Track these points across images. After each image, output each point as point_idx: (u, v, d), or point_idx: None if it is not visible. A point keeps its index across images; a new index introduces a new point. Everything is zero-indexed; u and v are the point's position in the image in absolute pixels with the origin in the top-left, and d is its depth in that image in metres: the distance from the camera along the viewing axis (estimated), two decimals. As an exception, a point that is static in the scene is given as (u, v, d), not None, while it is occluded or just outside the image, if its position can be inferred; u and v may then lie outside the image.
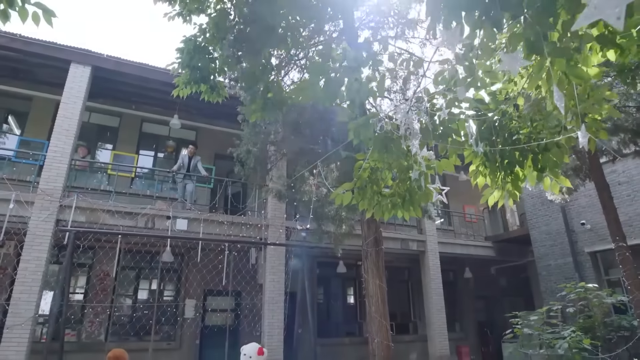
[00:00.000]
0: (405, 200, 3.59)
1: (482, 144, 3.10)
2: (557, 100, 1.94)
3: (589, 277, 9.52)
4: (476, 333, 13.85)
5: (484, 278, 13.88)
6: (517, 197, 3.48)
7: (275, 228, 9.28)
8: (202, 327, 9.74)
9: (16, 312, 6.82)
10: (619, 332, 7.65)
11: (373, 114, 3.35)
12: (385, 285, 6.69)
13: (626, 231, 8.61)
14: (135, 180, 10.37)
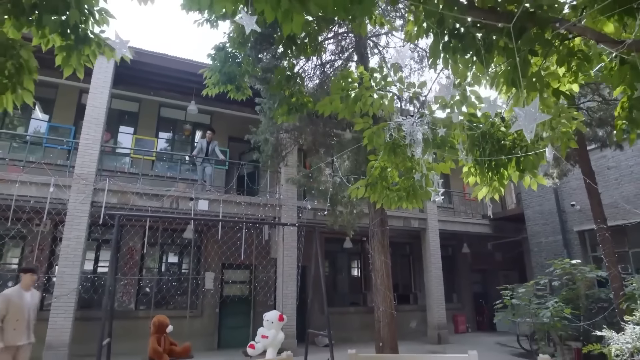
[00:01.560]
0: (409, 194, 4.31)
1: (472, 152, 3.80)
2: (524, 116, 2.60)
3: (576, 254, 10.34)
4: (472, 303, 14.87)
5: (480, 253, 14.78)
6: (502, 192, 4.19)
7: (288, 207, 10.07)
8: (221, 297, 10.69)
9: (62, 284, 7.71)
10: (598, 303, 8.50)
11: (384, 124, 4.03)
12: (389, 261, 7.51)
13: (612, 212, 9.38)
14: (156, 162, 11.09)
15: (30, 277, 4.99)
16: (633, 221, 8.89)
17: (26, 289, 4.97)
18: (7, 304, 4.73)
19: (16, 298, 4.83)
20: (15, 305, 4.78)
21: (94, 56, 3.15)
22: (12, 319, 4.73)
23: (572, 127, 3.72)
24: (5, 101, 2.67)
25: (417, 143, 3.80)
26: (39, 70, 3.02)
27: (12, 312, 4.74)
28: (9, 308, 4.73)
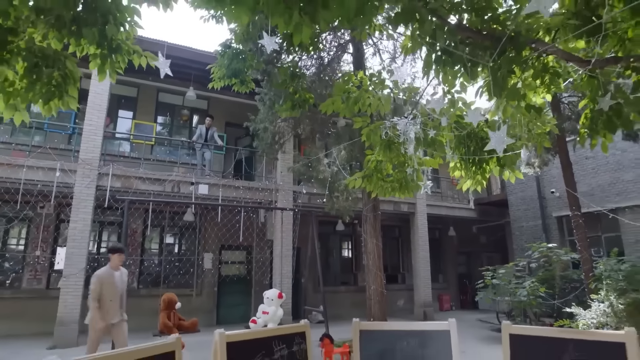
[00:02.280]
0: (401, 185, 4.80)
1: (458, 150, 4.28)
2: (495, 139, 3.06)
3: (555, 238, 11.05)
4: (456, 283, 15.66)
5: (466, 236, 15.49)
6: (484, 184, 4.71)
7: (285, 192, 10.52)
8: (219, 277, 11.21)
9: (70, 264, 8.11)
10: (571, 283, 9.22)
11: (380, 123, 4.48)
12: (380, 243, 8.06)
13: (588, 199, 10.03)
14: (155, 147, 11.38)
15: (118, 257, 5.06)
16: (605, 208, 9.55)
17: (115, 268, 5.05)
18: (100, 284, 4.83)
19: (107, 278, 4.92)
20: (108, 285, 4.88)
21: (123, 62, 3.51)
22: (106, 298, 4.85)
23: (546, 128, 4.22)
24: (53, 106, 3.04)
25: (409, 141, 4.27)
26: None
27: (105, 291, 4.85)
28: (102, 288, 4.84)
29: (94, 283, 4.83)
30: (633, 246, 9.55)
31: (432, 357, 2.37)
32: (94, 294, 4.80)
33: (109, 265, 5.05)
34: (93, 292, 4.81)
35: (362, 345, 2.48)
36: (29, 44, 2.95)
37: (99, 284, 4.82)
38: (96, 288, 4.81)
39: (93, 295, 4.81)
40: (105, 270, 5.00)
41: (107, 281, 4.90)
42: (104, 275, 4.92)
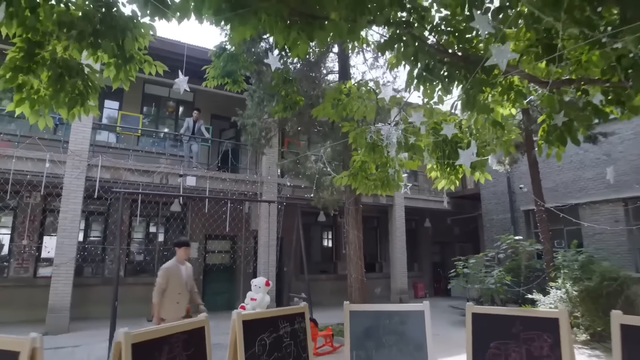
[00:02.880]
0: (383, 184, 5.29)
1: (435, 153, 4.78)
2: (464, 155, 3.56)
3: (522, 231, 11.86)
4: (431, 272, 16.47)
5: (440, 227, 16.26)
6: (457, 184, 5.25)
7: (269, 184, 10.90)
8: (204, 265, 11.55)
9: (61, 253, 8.32)
10: (535, 272, 10.01)
11: (365, 127, 4.93)
12: (361, 234, 8.59)
13: (553, 195, 10.82)
14: (141, 138, 11.54)
15: (184, 251, 5.00)
16: (567, 204, 10.36)
17: (181, 262, 4.98)
18: (167, 278, 4.71)
19: (174, 271, 4.80)
20: (175, 279, 4.77)
21: (135, 71, 3.82)
22: (174, 292, 4.72)
23: (512, 136, 4.78)
24: (76, 113, 3.35)
25: (392, 145, 4.74)
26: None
27: (172, 285, 4.72)
28: (170, 282, 4.71)
29: (161, 276, 4.72)
30: (591, 238, 10.41)
31: (409, 331, 2.87)
32: (160, 287, 4.67)
33: (175, 259, 4.99)
34: (159, 286, 4.67)
35: (352, 323, 2.96)
36: (52, 55, 3.24)
37: (165, 277, 4.71)
38: (163, 281, 4.68)
39: (158, 289, 4.67)
40: (172, 263, 4.90)
41: (175, 274, 4.79)
42: (172, 269, 4.81)
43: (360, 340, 2.93)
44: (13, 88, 3.20)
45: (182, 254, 5.00)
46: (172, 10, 3.20)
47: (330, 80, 8.99)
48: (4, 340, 1.69)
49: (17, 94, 3.20)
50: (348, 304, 3.04)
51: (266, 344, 2.58)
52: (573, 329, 7.03)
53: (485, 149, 4.83)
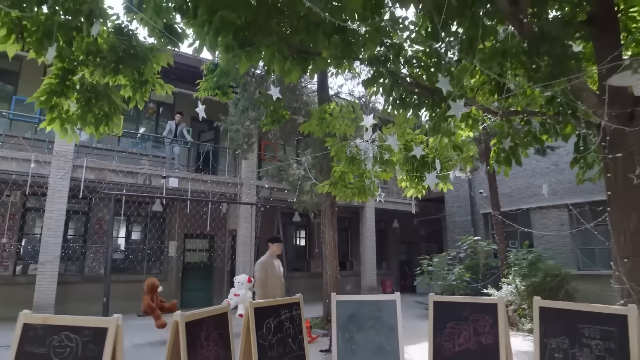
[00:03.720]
0: (360, 192, 6.00)
1: (405, 166, 5.54)
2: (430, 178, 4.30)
3: (481, 232, 12.94)
4: (398, 270, 17.45)
5: (407, 227, 17.25)
6: (423, 192, 6.03)
7: (248, 186, 11.43)
8: (183, 263, 11.95)
9: (46, 252, 8.55)
10: (491, 270, 11.05)
11: (346, 143, 5.62)
12: (336, 235, 9.29)
13: (508, 200, 11.91)
14: (122, 139, 11.76)
15: (277, 246, 5.09)
16: (520, 208, 11.49)
17: (274, 257, 5.08)
18: (265, 272, 4.80)
19: (270, 265, 4.91)
20: (273, 272, 4.89)
21: (147, 92, 4.34)
22: (272, 285, 4.79)
23: (470, 153, 5.60)
24: (102, 130, 3.84)
25: (368, 159, 5.46)
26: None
27: (270, 279, 4.82)
28: (268, 275, 4.81)
29: (259, 270, 4.83)
30: (540, 239, 11.57)
31: (384, 317, 3.57)
32: (261, 281, 4.77)
33: (268, 254, 5.08)
34: (259, 280, 4.78)
35: (338, 310, 3.63)
36: (81, 81, 3.72)
37: (264, 271, 4.81)
38: (262, 275, 4.79)
39: (260, 283, 4.78)
40: (267, 258, 5.01)
41: (271, 268, 4.90)
42: (268, 263, 4.92)
43: (345, 324, 3.60)
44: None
45: (275, 249, 5.08)
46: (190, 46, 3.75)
47: (310, 90, 9.63)
48: (95, 319, 2.23)
49: (49, 114, 3.66)
50: (335, 295, 3.71)
51: (271, 327, 3.21)
52: (520, 319, 8.01)
53: (449, 164, 5.63)
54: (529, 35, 3.70)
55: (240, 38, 3.80)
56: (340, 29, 3.76)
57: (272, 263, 4.99)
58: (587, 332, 2.61)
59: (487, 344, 3.11)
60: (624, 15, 4.87)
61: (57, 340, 2.17)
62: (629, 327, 2.49)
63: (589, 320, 2.64)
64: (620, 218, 4.29)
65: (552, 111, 4.41)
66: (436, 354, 3.32)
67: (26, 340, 2.21)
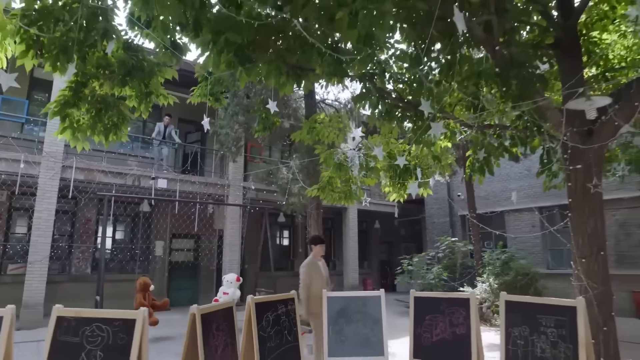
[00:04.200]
0: (346, 196, 6.40)
1: (388, 172, 5.97)
2: (412, 187, 4.75)
3: (458, 233, 13.54)
4: (378, 269, 17.98)
5: (388, 228, 17.79)
6: (405, 197, 6.48)
7: (235, 187, 11.70)
8: (169, 263, 12.13)
9: (35, 251, 8.65)
10: (467, 269, 11.64)
11: (334, 150, 6.01)
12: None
13: (484, 203, 12.52)
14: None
15: (320, 248, 5.11)
16: (495, 211, 12.12)
17: (318, 258, 5.11)
18: (310, 274, 4.84)
19: (315, 268, 4.96)
20: (317, 275, 4.93)
21: (151, 102, 4.62)
22: (317, 287, 4.75)
23: (448, 161, 6.07)
24: (110, 138, 4.11)
25: (355, 166, 5.87)
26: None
27: (315, 281, 4.84)
28: (312, 278, 4.85)
29: (304, 273, 4.87)
30: (513, 240, 12.23)
31: (370, 311, 3.97)
32: (304, 283, 4.82)
33: (312, 256, 5.13)
34: (303, 282, 4.82)
35: (328, 306, 4.01)
36: (92, 92, 3.99)
37: (309, 274, 4.86)
38: (306, 278, 4.83)
39: (303, 285, 4.81)
40: (311, 260, 5.06)
41: (315, 271, 4.95)
42: (312, 265, 4.97)
43: (335, 317, 3.98)
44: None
45: (318, 251, 5.12)
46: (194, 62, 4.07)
47: (298, 95, 9.98)
48: (123, 312, 2.54)
49: (62, 123, 3.92)
50: (326, 292, 4.09)
51: (270, 320, 3.56)
52: (493, 315, 8.56)
53: (429, 171, 6.09)
54: (500, 60, 4.16)
55: (240, 56, 4.14)
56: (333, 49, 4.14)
57: (316, 265, 5.04)
58: (544, 322, 3.07)
59: (461, 334, 3.55)
60: (586, 40, 5.44)
61: (89, 331, 2.48)
62: (577, 316, 2.96)
63: (545, 311, 3.10)
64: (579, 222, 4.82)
65: (521, 126, 4.90)
66: (416, 343, 3.74)
67: (61, 331, 2.51)
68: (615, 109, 3.81)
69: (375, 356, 3.90)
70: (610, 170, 7.15)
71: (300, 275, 4.92)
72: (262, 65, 4.31)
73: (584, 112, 4.35)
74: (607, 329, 4.66)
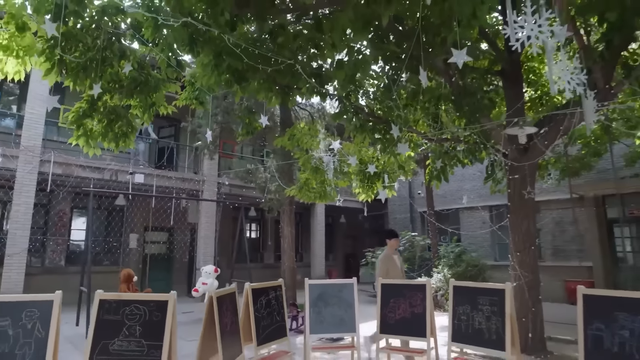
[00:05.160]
0: (321, 195, 7.16)
1: (359, 176, 6.78)
2: (381, 193, 5.56)
3: (418, 228, 14.66)
4: (343, 261, 18.95)
5: (353, 222, 18.77)
6: (372, 197, 7.32)
7: (210, 183, 12.17)
8: (143, 255, 12.45)
9: (13, 244, 8.82)
10: (425, 261, 12.75)
11: (311, 155, 6.74)
12: (294, 230, 10.40)
13: (442, 200, 13.66)
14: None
15: (395, 241, 5.48)
16: (451, 209, 13.30)
17: (393, 252, 5.39)
18: (386, 267, 5.13)
19: (391, 260, 5.23)
20: (393, 267, 5.20)
21: (153, 112, 5.15)
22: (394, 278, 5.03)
23: (411, 167, 6.96)
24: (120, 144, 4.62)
25: (329, 170, 6.62)
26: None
27: (392, 273, 5.11)
28: (389, 270, 5.12)
29: (380, 267, 5.19)
30: (467, 235, 13.48)
31: (344, 296, 4.75)
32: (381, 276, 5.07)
33: (387, 249, 5.42)
34: (380, 274, 5.10)
35: (310, 291, 4.76)
36: (104, 104, 4.49)
37: (385, 267, 5.15)
38: (382, 271, 5.12)
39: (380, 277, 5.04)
40: (387, 253, 5.34)
41: (391, 263, 5.21)
42: (388, 258, 5.25)
43: (315, 301, 4.74)
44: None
45: (393, 243, 5.46)
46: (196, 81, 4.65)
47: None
48: (157, 295, 3.16)
49: (77, 131, 4.41)
50: (308, 280, 4.84)
51: (263, 303, 4.27)
52: (446, 302, 9.64)
53: (394, 175, 6.95)
54: (455, 88, 5.03)
55: (237, 76, 4.77)
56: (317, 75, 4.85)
57: (392, 257, 5.31)
58: (481, 301, 3.96)
59: (418, 313, 4.40)
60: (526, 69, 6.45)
61: (129, 310, 3.08)
62: (505, 297, 3.86)
63: (482, 293, 3.99)
64: (516, 222, 5.84)
65: (471, 141, 5.82)
66: (382, 321, 4.57)
67: (103, 311, 3.09)
68: (541, 135, 4.77)
69: (348, 332, 4.70)
70: (545, 176, 8.31)
71: (377, 268, 5.28)
72: (255, 84, 4.96)
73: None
74: (535, 310, 5.75)
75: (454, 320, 4.15)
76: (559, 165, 8.25)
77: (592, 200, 10.78)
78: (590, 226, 10.81)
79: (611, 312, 3.25)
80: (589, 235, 10.82)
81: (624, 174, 9.74)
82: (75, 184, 9.82)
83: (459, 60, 2.70)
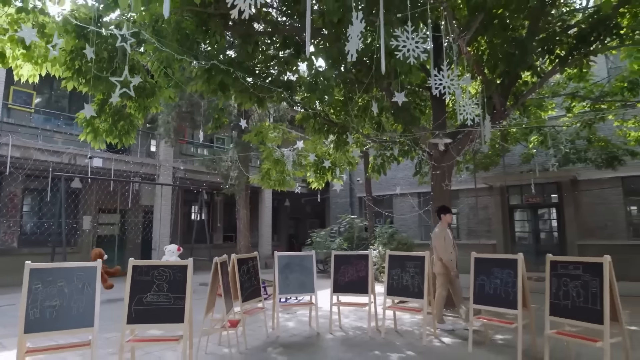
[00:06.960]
0: (281, 183, 8.36)
1: (314, 168, 8.07)
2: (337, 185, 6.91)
3: (357, 211, 16.37)
4: (287, 241, 20.31)
5: (297, 206, 20.13)
6: (323, 185, 8.67)
7: (165, 167, 12.78)
8: (96, 236, 12.82)
9: (-27, 224, 9.00)
10: (363, 241, 14.48)
11: (273, 149, 7.88)
12: (249, 212, 11.49)
13: (379, 187, 15.41)
14: (34, 115, 11.93)
15: (449, 216, 5.92)
16: (386, 194, 15.12)
17: (446, 227, 5.89)
18: (444, 240, 5.69)
19: (447, 234, 5.76)
20: (449, 241, 5.75)
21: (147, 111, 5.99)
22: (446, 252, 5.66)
23: (357, 161, 8.39)
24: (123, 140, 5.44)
25: (289, 162, 7.84)
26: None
27: (448, 247, 5.70)
28: (446, 243, 5.70)
29: (438, 240, 5.75)
30: (399, 218, 15.42)
31: (305, 264, 6.07)
32: (442, 247, 5.69)
33: (441, 224, 5.90)
34: (441, 247, 5.69)
35: (278, 261, 6.02)
36: (110, 107, 5.28)
37: (442, 240, 5.71)
38: (440, 243, 5.70)
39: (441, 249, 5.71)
40: (442, 227, 5.85)
41: (448, 237, 5.74)
42: (444, 231, 5.78)
43: (282, 269, 6.00)
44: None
45: (448, 219, 5.93)
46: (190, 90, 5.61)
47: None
48: (180, 261, 4.21)
49: (86, 129, 5.19)
50: (277, 252, 6.08)
51: (245, 270, 5.46)
52: (381, 274, 11.39)
53: (342, 168, 8.33)
54: (394, 105, 6.46)
55: (222, 87, 5.80)
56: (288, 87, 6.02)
57: (447, 232, 5.83)
58: (408, 265, 5.49)
59: (362, 276, 5.85)
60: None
61: (157, 272, 4.12)
62: (425, 261, 5.41)
63: (409, 259, 5.52)
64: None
65: (405, 144, 7.35)
66: (335, 284, 5.96)
67: (136, 274, 4.11)
68: (454, 144, 6.37)
69: (308, 293, 6.05)
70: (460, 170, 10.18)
71: (434, 242, 5.83)
72: (236, 93, 6.01)
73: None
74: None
75: (389, 280, 5.65)
76: (472, 162, 10.19)
77: (499, 190, 13.09)
78: (496, 211, 13.14)
79: (490, 268, 4.89)
80: (494, 218, 13.15)
81: (522, 169, 12.04)
82: (33, 167, 10.03)
83: (399, 100, 4.04)
